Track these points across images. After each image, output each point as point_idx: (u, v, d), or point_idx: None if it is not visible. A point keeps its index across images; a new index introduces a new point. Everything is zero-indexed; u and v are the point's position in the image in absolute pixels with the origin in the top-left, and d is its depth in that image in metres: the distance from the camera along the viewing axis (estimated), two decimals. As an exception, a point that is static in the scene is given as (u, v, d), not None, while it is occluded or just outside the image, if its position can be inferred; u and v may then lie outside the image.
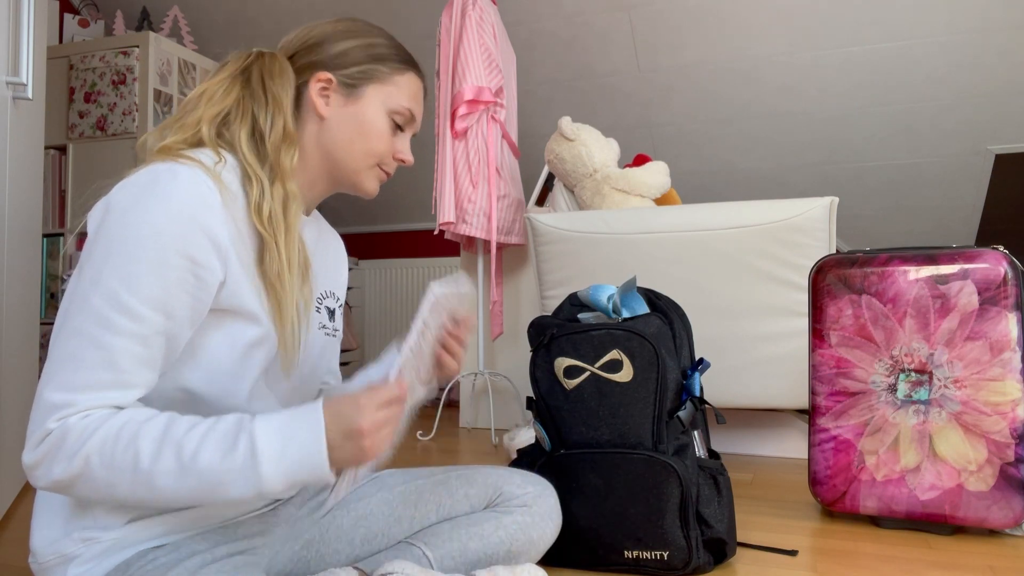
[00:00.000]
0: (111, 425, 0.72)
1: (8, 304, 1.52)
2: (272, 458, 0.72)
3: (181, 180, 0.77)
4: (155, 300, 0.74)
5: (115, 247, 0.74)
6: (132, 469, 0.71)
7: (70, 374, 0.72)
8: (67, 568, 0.79)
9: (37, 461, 0.72)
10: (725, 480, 1.22)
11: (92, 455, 0.71)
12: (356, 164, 0.93)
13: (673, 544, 1.13)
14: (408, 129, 0.98)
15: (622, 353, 1.19)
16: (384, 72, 0.94)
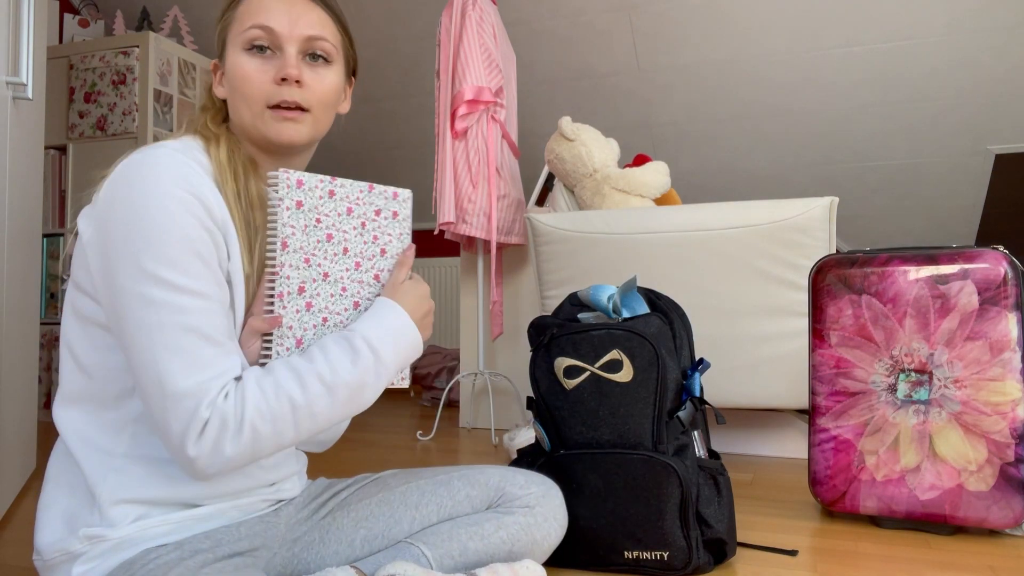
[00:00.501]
0: (251, 391, 0.77)
1: (8, 304, 1.52)
2: (389, 351, 0.85)
3: (163, 160, 0.78)
4: (204, 275, 0.77)
5: (142, 239, 0.74)
6: (291, 413, 0.78)
7: (181, 362, 0.74)
8: (71, 566, 0.79)
9: (208, 450, 0.75)
10: (725, 480, 1.21)
11: (255, 420, 0.76)
12: (248, 120, 0.87)
13: (673, 544, 1.13)
14: (278, 46, 0.86)
15: (622, 353, 1.19)
16: (229, 15, 0.89)
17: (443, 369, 3.40)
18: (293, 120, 0.86)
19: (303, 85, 0.87)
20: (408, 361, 0.89)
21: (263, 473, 0.93)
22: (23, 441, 1.71)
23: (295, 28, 0.86)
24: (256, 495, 0.93)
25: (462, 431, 2.67)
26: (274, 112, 0.86)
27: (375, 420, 3.00)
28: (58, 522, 0.81)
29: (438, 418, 2.71)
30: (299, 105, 0.86)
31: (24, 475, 1.72)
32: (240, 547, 0.87)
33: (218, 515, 0.87)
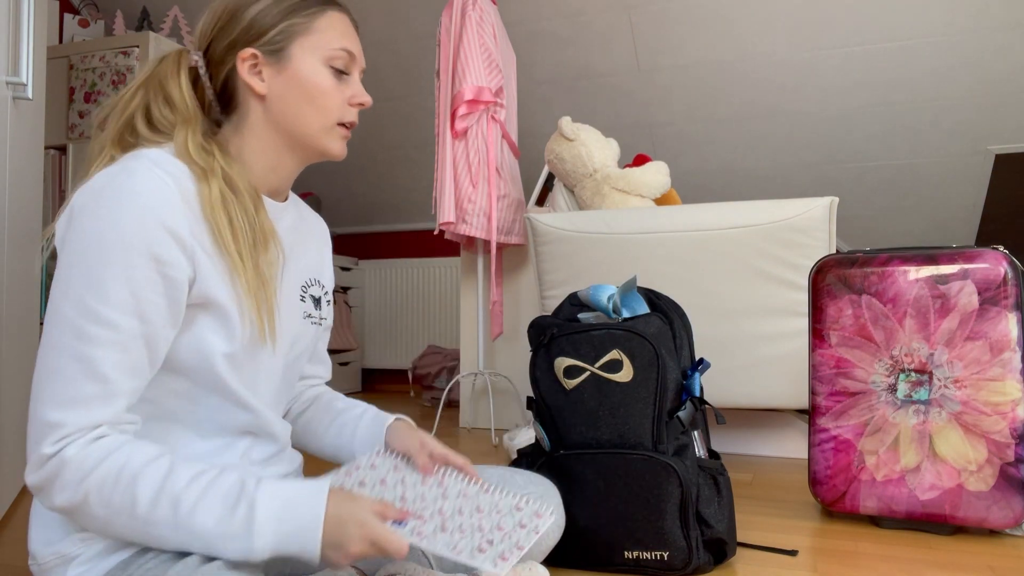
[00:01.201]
0: (111, 464, 0.72)
1: (8, 304, 1.52)
2: (267, 533, 0.73)
3: (137, 177, 0.76)
4: (126, 305, 0.74)
5: (80, 254, 0.73)
6: (129, 513, 0.72)
7: (57, 389, 0.72)
8: (67, 568, 0.79)
9: (38, 485, 0.73)
10: (725, 480, 1.21)
11: (91, 492, 0.72)
12: (314, 130, 0.89)
13: (673, 544, 1.13)
14: (353, 70, 0.92)
15: (622, 353, 1.19)
16: (302, 23, 0.88)
17: (443, 369, 3.40)
18: (347, 138, 0.93)
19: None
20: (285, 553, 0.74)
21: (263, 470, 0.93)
22: (24, 441, 1.71)
23: (362, 59, 0.93)
24: None
25: (462, 431, 2.67)
26: (342, 130, 0.91)
27: (375, 420, 3.00)
28: (52, 525, 0.81)
29: (438, 418, 2.71)
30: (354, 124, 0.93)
31: (24, 476, 1.72)
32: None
33: None
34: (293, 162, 0.92)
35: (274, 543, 0.73)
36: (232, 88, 0.89)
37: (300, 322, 0.96)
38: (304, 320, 0.97)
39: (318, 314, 1.00)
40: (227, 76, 0.88)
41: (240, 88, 0.88)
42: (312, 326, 0.99)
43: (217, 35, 0.88)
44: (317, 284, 1.01)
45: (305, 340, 0.98)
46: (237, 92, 0.89)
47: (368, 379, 4.22)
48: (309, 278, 1.00)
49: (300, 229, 0.99)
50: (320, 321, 1.01)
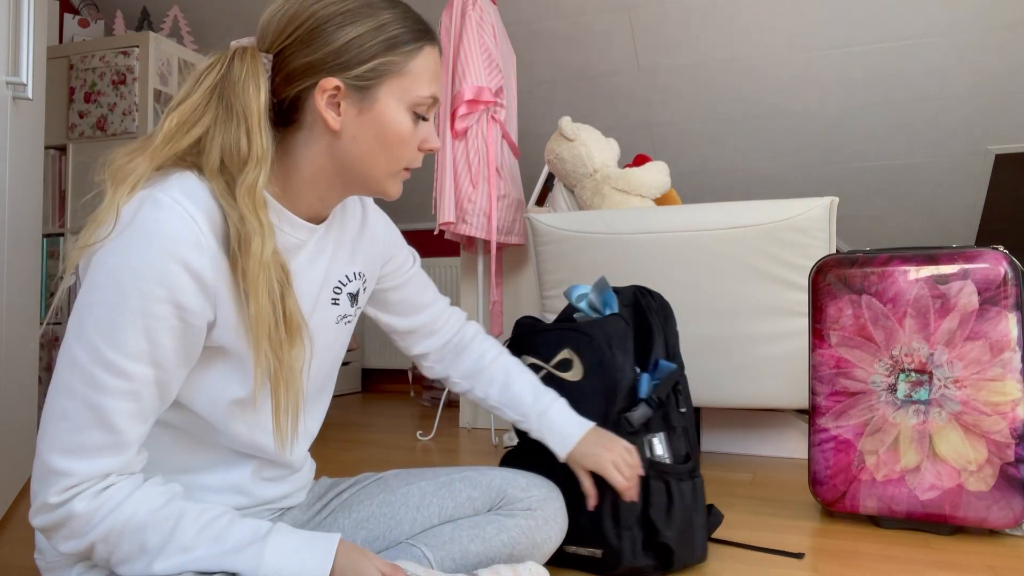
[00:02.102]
0: (118, 516, 0.71)
1: (8, 304, 1.52)
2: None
3: (162, 216, 0.70)
4: (141, 353, 0.70)
5: (98, 297, 0.70)
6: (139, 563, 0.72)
7: (65, 435, 0.70)
8: (72, 567, 0.79)
9: (43, 529, 0.72)
10: (684, 485, 1.17)
11: (98, 543, 0.71)
12: (380, 174, 0.83)
13: (606, 543, 1.13)
14: (431, 113, 0.85)
15: (573, 352, 1.21)
16: (398, 62, 0.79)
17: (443, 369, 3.40)
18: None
19: None
20: None
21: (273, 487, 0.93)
22: (23, 442, 1.71)
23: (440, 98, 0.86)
24: (261, 507, 0.93)
25: (462, 431, 2.67)
26: (403, 174, 0.86)
27: (375, 420, 3.00)
28: None
29: (438, 418, 2.71)
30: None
31: (24, 475, 1.72)
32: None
33: None
34: (343, 195, 0.86)
35: None
36: (299, 107, 0.80)
37: (333, 331, 0.93)
38: (337, 325, 0.93)
39: (354, 311, 0.97)
40: (299, 94, 0.79)
41: (309, 112, 0.80)
42: (346, 326, 0.96)
43: (294, 44, 0.78)
44: (357, 278, 0.96)
45: (337, 345, 0.96)
46: (304, 115, 0.80)
47: (368, 379, 4.22)
48: (347, 275, 0.94)
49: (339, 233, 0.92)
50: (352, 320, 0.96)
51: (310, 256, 0.87)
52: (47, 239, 2.78)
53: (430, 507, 1.01)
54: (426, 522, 1.00)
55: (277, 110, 0.80)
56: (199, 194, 0.74)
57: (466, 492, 1.03)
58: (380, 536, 0.99)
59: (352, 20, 0.78)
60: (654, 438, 1.20)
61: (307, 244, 0.87)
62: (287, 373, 0.77)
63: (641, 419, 1.17)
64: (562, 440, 1.08)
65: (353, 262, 0.95)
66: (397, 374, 4.16)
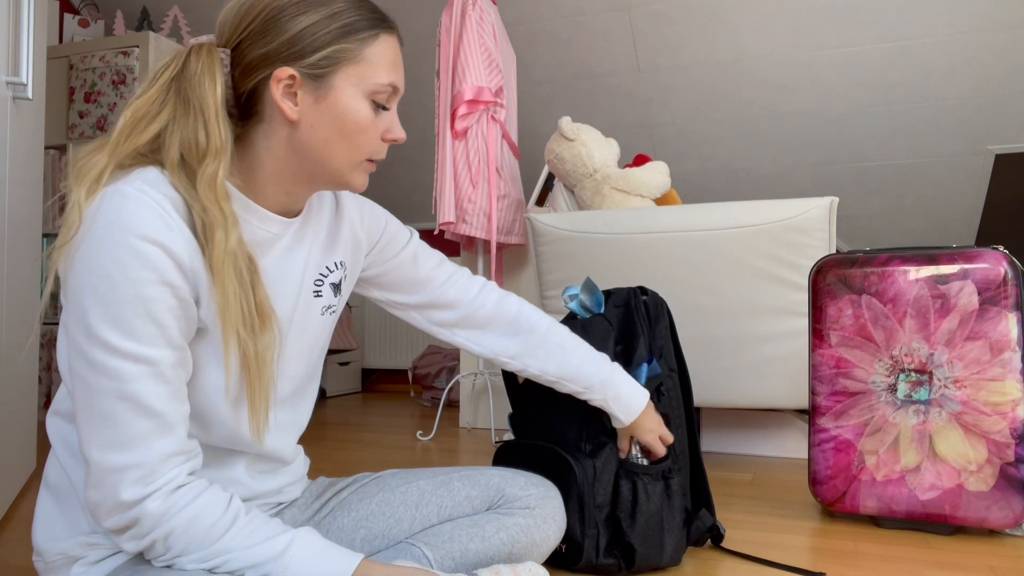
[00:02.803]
0: (184, 516, 0.73)
1: (8, 304, 1.52)
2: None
3: (129, 206, 0.70)
4: (154, 337, 0.71)
5: (92, 294, 0.70)
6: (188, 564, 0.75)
7: (111, 434, 0.71)
8: (71, 568, 0.79)
9: (116, 529, 0.73)
10: (654, 486, 1.17)
11: (158, 541, 0.73)
12: (341, 165, 0.82)
13: (570, 539, 1.14)
14: (392, 102, 0.84)
15: None
16: (353, 49, 0.79)
17: (443, 369, 3.40)
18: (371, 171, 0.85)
19: None
20: None
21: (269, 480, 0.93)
22: (23, 441, 1.71)
23: (402, 88, 0.84)
24: (259, 500, 0.93)
25: (462, 431, 2.67)
26: (368, 164, 0.84)
27: (375, 420, 3.00)
28: (57, 525, 0.81)
29: (438, 418, 2.71)
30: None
31: (24, 475, 1.72)
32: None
33: None
34: (309, 189, 0.86)
35: None
36: (257, 100, 0.80)
37: (318, 321, 0.94)
38: (323, 316, 0.94)
39: (338, 300, 0.97)
40: (256, 86, 0.79)
41: (267, 104, 0.80)
42: (331, 316, 0.96)
43: (250, 37, 0.78)
44: (339, 268, 0.96)
45: (324, 336, 0.96)
46: (263, 107, 0.80)
47: (368, 379, 4.22)
48: (327, 266, 0.94)
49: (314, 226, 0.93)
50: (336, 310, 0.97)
51: (286, 249, 0.87)
52: (47, 239, 2.78)
53: (429, 506, 1.01)
54: (425, 521, 1.00)
55: (238, 104, 0.81)
56: (162, 185, 0.74)
57: (465, 491, 1.03)
58: (379, 535, 0.99)
59: (305, 9, 0.78)
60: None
61: (282, 238, 0.87)
62: (259, 362, 0.78)
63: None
64: (628, 410, 1.13)
65: (332, 252, 0.95)
66: (397, 374, 4.16)
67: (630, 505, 1.15)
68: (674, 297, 2.02)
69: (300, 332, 0.91)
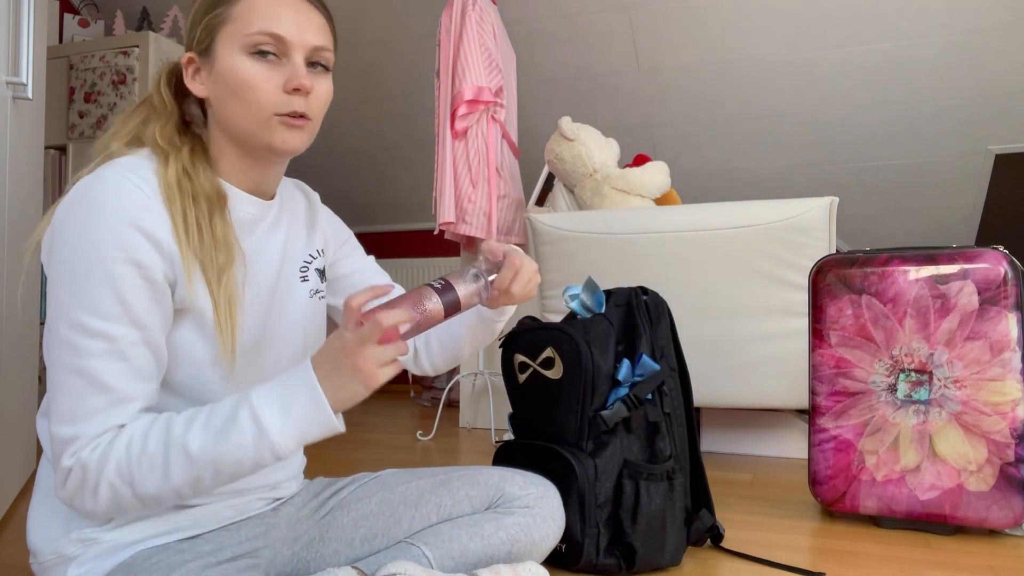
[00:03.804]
0: (118, 448, 0.73)
1: (8, 304, 1.52)
2: (277, 426, 0.73)
3: (108, 185, 0.75)
4: (116, 314, 0.73)
5: (63, 269, 0.73)
6: (155, 483, 0.73)
7: (66, 405, 0.73)
8: (67, 568, 0.79)
9: (68, 498, 0.74)
10: (656, 486, 1.17)
11: (113, 482, 0.73)
12: (249, 126, 0.82)
13: (571, 539, 1.15)
14: (291, 52, 0.82)
15: (554, 351, 1.23)
16: (222, 12, 0.82)
17: (443, 369, 3.40)
18: (298, 128, 0.83)
19: (310, 95, 0.84)
20: (312, 439, 0.76)
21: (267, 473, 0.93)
22: (23, 441, 1.71)
23: (303, 36, 0.82)
24: (252, 494, 0.93)
25: (462, 431, 2.67)
26: (281, 119, 0.82)
27: (375, 420, 3.00)
28: (51, 524, 0.81)
29: (438, 418, 2.71)
30: (304, 114, 0.83)
31: (24, 475, 1.72)
32: (242, 549, 0.87)
33: (212, 516, 0.87)
34: (255, 160, 0.87)
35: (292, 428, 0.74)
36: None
37: (307, 304, 0.96)
38: (311, 299, 0.97)
39: (325, 286, 1.01)
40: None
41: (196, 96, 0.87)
42: (320, 300, 0.99)
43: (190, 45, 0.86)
44: (320, 255, 1.00)
45: (317, 320, 0.99)
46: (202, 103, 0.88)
47: (368, 379, 4.22)
48: (309, 254, 0.98)
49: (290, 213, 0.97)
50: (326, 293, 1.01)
51: (267, 230, 0.92)
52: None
53: (428, 505, 1.01)
54: (425, 520, 1.00)
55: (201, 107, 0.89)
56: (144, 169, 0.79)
57: (464, 490, 1.03)
58: (379, 534, 0.99)
59: (198, 5, 0.85)
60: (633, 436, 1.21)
61: (262, 219, 0.91)
62: (226, 291, 0.81)
63: (614, 418, 1.18)
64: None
65: (313, 240, 1.00)
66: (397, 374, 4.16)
67: (632, 505, 1.15)
68: (674, 297, 2.02)
69: (289, 313, 0.93)
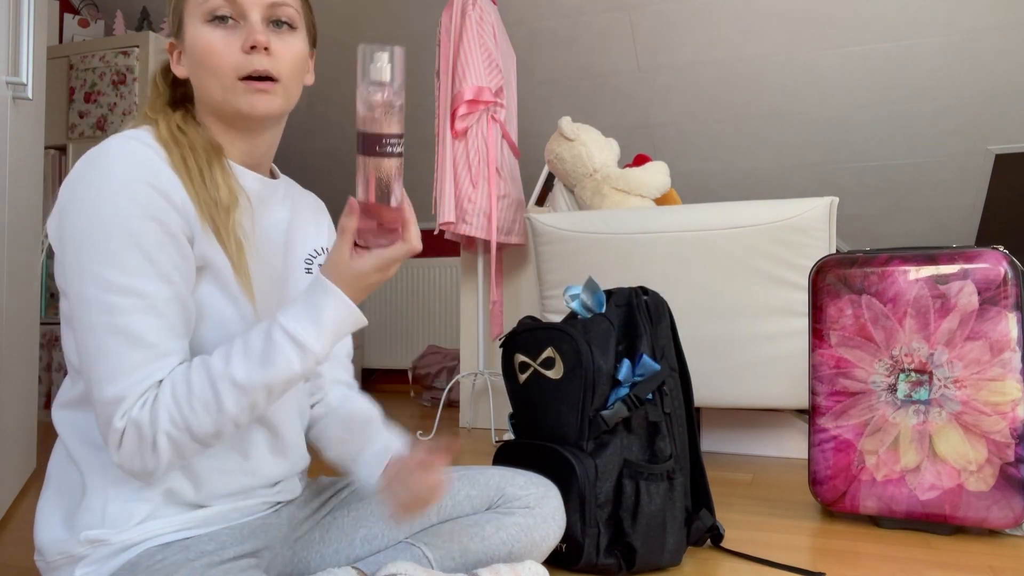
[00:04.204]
0: (164, 400, 0.74)
1: (8, 304, 1.52)
2: (313, 337, 0.76)
3: (114, 150, 0.76)
4: (145, 270, 0.74)
5: (83, 235, 0.74)
6: (211, 420, 0.74)
7: (107, 366, 0.73)
8: (74, 568, 0.79)
9: (128, 460, 0.75)
10: (656, 486, 1.17)
11: (170, 432, 0.74)
12: (218, 95, 0.83)
13: (571, 538, 1.15)
14: (242, 15, 0.82)
15: (555, 351, 1.23)
16: None
17: (443, 369, 3.40)
18: (266, 91, 0.83)
19: (272, 53, 0.82)
20: (343, 335, 0.79)
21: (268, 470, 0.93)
22: (23, 441, 1.71)
23: None
24: (257, 496, 0.92)
25: (462, 431, 2.67)
26: (246, 84, 0.82)
27: (375, 420, 3.00)
28: (58, 523, 0.81)
29: (438, 418, 2.72)
30: (270, 75, 0.82)
31: (24, 475, 1.72)
32: (244, 549, 0.87)
33: (219, 517, 0.87)
34: (239, 131, 0.87)
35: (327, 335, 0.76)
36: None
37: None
38: None
39: None
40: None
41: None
42: None
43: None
44: (324, 253, 1.00)
45: None
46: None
47: (368, 379, 4.22)
48: (314, 249, 0.99)
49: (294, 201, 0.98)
50: None
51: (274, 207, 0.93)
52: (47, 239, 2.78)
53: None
54: (425, 520, 1.00)
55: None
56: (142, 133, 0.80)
57: (464, 491, 1.03)
58: (379, 534, 0.99)
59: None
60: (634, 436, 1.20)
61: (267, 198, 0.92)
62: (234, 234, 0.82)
63: (615, 417, 1.17)
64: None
65: (319, 236, 1.01)
66: (397, 374, 4.16)
67: (632, 505, 1.15)
68: (674, 297, 2.02)
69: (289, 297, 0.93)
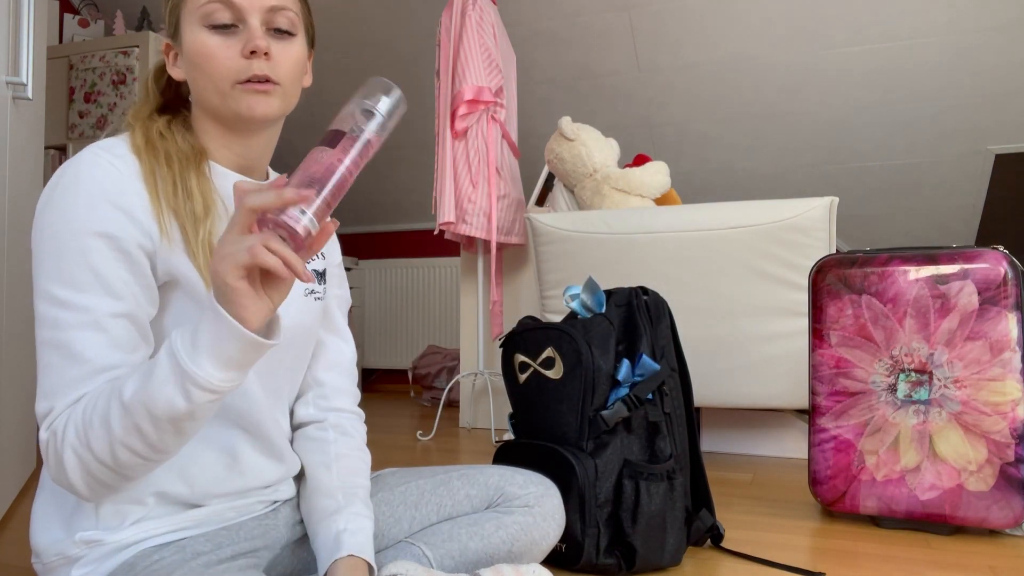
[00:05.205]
0: (75, 411, 0.71)
1: (8, 304, 1.52)
2: (188, 350, 0.67)
3: (83, 165, 0.77)
4: (90, 284, 0.73)
5: (40, 251, 0.75)
6: (103, 439, 0.69)
7: (47, 381, 0.73)
8: (71, 569, 0.79)
9: (53, 477, 0.73)
10: (656, 486, 1.17)
11: (74, 445, 0.71)
12: (216, 98, 0.83)
13: (571, 538, 1.15)
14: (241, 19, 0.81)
15: (555, 351, 1.23)
16: None
17: (443, 369, 3.40)
18: (265, 93, 0.82)
19: (271, 58, 0.82)
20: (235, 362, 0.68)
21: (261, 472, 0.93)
22: (23, 441, 1.71)
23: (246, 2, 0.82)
24: (252, 496, 0.92)
25: (462, 431, 2.67)
26: (244, 87, 0.81)
27: (375, 420, 3.00)
28: (54, 525, 0.81)
29: (438, 418, 2.72)
30: (269, 78, 0.82)
31: (24, 475, 1.72)
32: (241, 548, 0.87)
33: (215, 517, 0.87)
34: (236, 133, 0.87)
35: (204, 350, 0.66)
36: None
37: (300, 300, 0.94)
38: (306, 297, 0.95)
39: (322, 289, 0.98)
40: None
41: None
42: (316, 301, 0.97)
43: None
44: (320, 258, 1.00)
45: (309, 319, 0.96)
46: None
47: (368, 379, 4.22)
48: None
49: None
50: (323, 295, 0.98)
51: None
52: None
53: (428, 505, 1.01)
54: (424, 520, 1.00)
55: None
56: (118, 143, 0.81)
57: (464, 490, 1.03)
58: (379, 534, 0.99)
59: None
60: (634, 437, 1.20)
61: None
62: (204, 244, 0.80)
63: (615, 417, 1.17)
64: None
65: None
66: (397, 374, 4.16)
67: (632, 505, 1.15)
68: (674, 297, 2.02)
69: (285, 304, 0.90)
